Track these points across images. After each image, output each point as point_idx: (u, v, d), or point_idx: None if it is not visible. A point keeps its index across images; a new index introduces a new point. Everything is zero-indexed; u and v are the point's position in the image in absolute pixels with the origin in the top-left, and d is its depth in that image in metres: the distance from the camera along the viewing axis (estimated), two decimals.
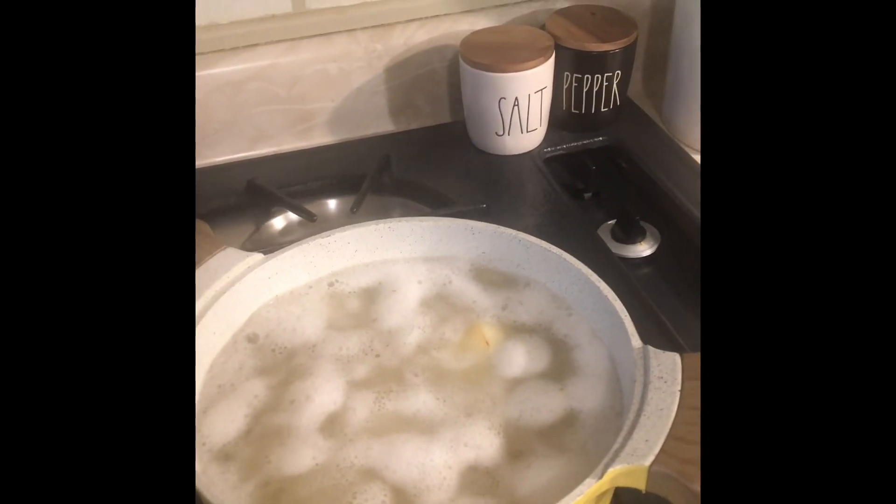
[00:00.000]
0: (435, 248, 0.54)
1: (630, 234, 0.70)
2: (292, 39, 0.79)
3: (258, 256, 0.50)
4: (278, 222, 0.75)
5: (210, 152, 0.81)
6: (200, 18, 0.76)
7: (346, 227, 0.53)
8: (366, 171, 0.77)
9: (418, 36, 0.81)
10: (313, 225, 0.72)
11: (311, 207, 0.74)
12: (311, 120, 0.83)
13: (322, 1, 0.79)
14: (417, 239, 0.54)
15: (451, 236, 0.54)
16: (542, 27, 0.79)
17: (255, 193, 0.76)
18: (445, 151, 0.82)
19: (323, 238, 0.53)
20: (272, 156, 0.83)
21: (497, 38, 0.77)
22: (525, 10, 0.83)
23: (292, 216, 0.75)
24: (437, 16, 0.81)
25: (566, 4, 0.83)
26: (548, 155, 0.80)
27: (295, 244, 0.52)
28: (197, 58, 0.77)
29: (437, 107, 0.86)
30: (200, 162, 0.81)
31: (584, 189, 0.77)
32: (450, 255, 0.54)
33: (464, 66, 0.77)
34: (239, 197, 0.76)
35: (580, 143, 0.81)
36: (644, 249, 0.70)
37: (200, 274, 0.48)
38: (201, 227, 0.52)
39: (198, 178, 0.78)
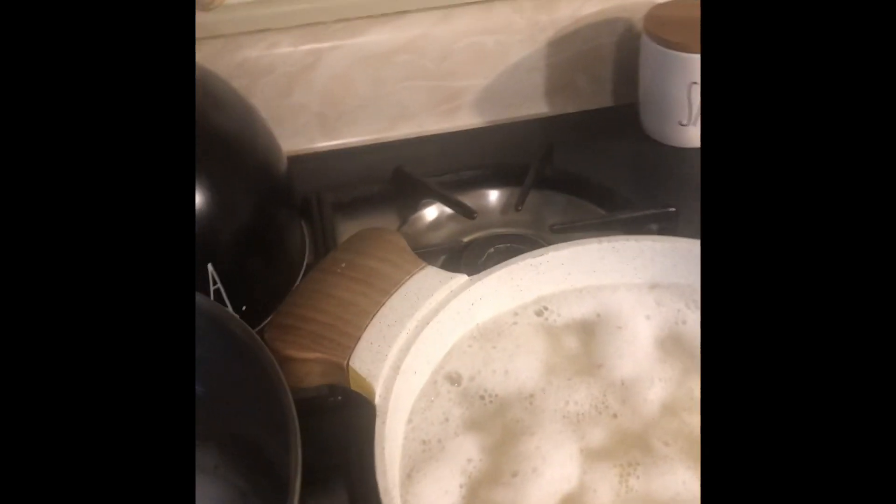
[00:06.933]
0: (666, 274, 0.44)
1: None
2: (448, 7, 0.70)
3: (462, 279, 0.41)
4: (429, 213, 0.67)
5: (347, 131, 0.73)
6: None
7: (560, 245, 0.44)
8: (522, 160, 0.67)
9: (588, 7, 0.71)
10: (471, 222, 0.63)
11: (465, 199, 0.65)
12: (458, 99, 0.74)
13: None
14: (646, 262, 0.44)
15: (689, 260, 0.44)
16: None
17: (402, 182, 0.67)
18: (613, 140, 0.72)
19: (534, 258, 0.43)
20: (414, 138, 0.74)
21: (690, 13, 0.66)
22: None
23: (443, 208, 0.66)
24: None
25: None
26: None
27: (503, 265, 0.43)
28: (342, 25, 0.69)
29: (599, 88, 0.76)
30: (338, 142, 0.73)
31: None
32: (683, 284, 0.44)
33: (648, 42, 0.66)
34: (383, 185, 0.68)
35: None
36: None
37: (398, 301, 0.39)
38: (399, 242, 0.42)
39: (337, 161, 0.71)
